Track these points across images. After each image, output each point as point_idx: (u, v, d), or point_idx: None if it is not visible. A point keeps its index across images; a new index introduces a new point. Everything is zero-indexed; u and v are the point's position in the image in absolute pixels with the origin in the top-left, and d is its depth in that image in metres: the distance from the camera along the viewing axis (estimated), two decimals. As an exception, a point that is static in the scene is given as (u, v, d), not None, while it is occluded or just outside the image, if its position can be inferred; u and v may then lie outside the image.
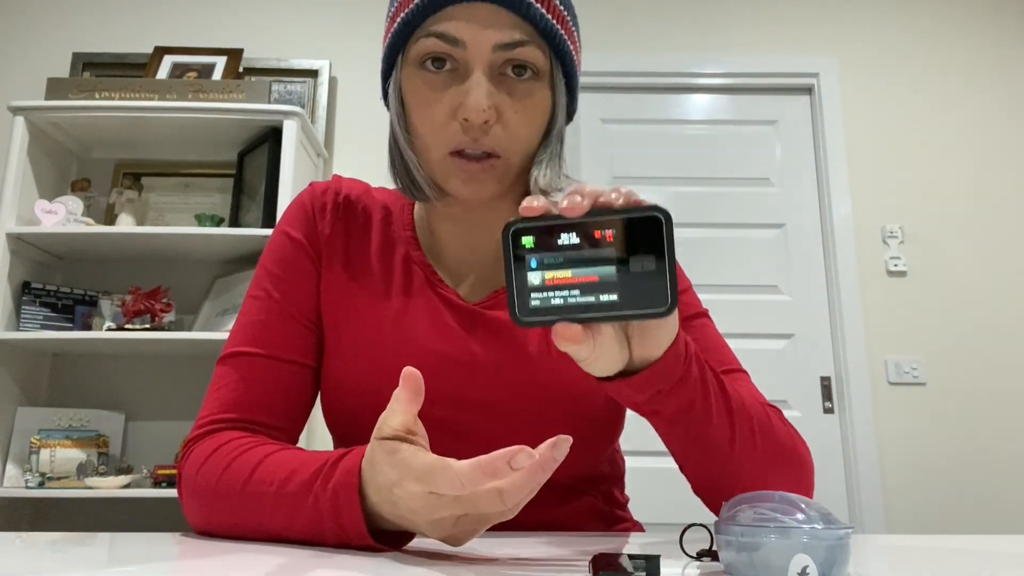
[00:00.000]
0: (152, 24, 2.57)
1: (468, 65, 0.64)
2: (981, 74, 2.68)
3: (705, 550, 0.48)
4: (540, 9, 0.65)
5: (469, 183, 0.66)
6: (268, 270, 0.75)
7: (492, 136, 0.65)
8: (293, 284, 0.74)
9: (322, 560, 0.48)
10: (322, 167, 2.43)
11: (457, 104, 0.64)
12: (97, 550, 0.55)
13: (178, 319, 2.19)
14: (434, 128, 0.66)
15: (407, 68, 0.68)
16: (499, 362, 0.71)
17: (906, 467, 2.37)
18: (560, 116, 0.70)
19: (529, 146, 0.68)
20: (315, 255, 0.75)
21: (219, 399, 0.69)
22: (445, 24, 0.64)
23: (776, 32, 2.69)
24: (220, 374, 0.71)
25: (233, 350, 0.71)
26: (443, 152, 0.66)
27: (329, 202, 0.77)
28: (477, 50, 0.64)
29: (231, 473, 0.60)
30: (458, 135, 0.65)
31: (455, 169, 0.66)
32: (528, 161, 0.69)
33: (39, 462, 1.98)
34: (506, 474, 0.43)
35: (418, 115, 0.67)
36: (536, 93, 0.67)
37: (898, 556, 0.55)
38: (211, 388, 0.71)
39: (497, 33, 0.64)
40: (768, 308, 2.50)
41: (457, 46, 0.64)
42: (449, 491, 0.45)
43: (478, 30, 0.63)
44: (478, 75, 0.64)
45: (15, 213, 2.01)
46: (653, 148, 2.63)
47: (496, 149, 0.65)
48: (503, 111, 0.65)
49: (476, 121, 0.63)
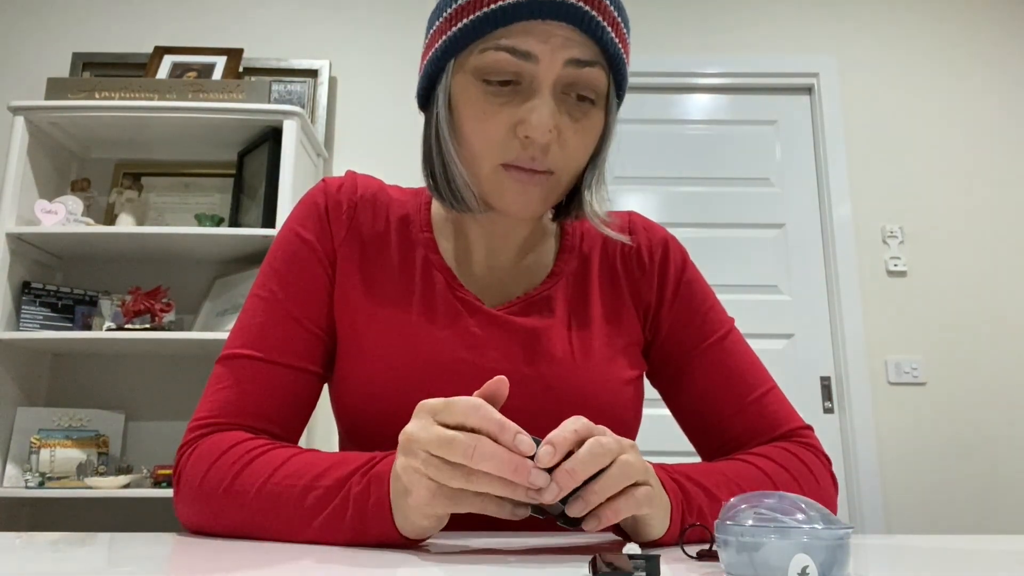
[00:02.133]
0: (152, 24, 2.57)
1: (536, 81, 0.62)
2: (981, 74, 2.68)
3: (705, 550, 0.48)
4: (611, 34, 0.64)
5: (520, 196, 0.65)
6: (275, 269, 0.72)
7: (550, 156, 0.64)
8: (300, 286, 0.71)
9: (323, 556, 0.48)
10: (322, 167, 2.43)
11: (517, 120, 0.63)
12: (97, 550, 0.55)
13: (178, 319, 2.19)
14: (489, 140, 0.64)
15: (463, 76, 0.65)
16: (521, 368, 0.70)
17: (906, 467, 2.37)
18: (609, 139, 0.70)
19: (580, 166, 0.68)
20: (327, 258, 0.72)
21: (214, 402, 0.67)
22: (517, 39, 0.61)
23: (776, 32, 2.69)
24: (217, 375, 0.69)
25: (232, 351, 0.69)
26: (495, 164, 0.64)
27: (344, 201, 0.74)
28: (548, 67, 0.62)
29: (253, 470, 0.59)
30: (514, 151, 0.63)
31: (507, 179, 0.64)
32: (575, 180, 0.69)
33: (39, 462, 1.98)
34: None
35: (472, 126, 0.64)
36: (593, 116, 0.66)
37: (898, 556, 0.55)
38: (208, 389, 0.69)
39: (570, 49, 0.62)
40: (768, 308, 2.50)
41: (529, 61, 0.62)
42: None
43: (552, 47, 0.61)
44: (545, 94, 0.62)
45: (15, 213, 2.01)
46: (653, 148, 2.63)
47: (551, 168, 0.65)
48: (562, 132, 0.64)
49: (540, 141, 0.62)
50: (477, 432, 0.47)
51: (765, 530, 0.40)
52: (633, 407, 0.74)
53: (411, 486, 0.49)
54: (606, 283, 0.77)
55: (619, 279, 0.78)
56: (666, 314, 0.77)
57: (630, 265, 0.78)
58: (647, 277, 0.78)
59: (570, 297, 0.75)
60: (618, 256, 0.79)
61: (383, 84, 2.55)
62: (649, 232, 0.80)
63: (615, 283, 0.77)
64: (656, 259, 0.78)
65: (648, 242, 0.79)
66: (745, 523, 0.41)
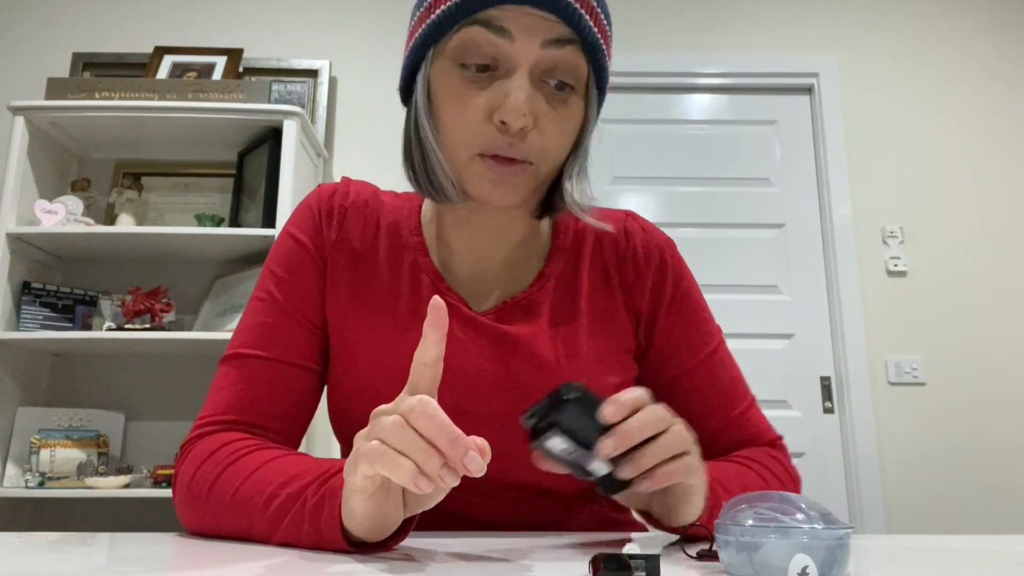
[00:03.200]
0: (152, 24, 2.57)
1: (512, 63, 0.62)
2: (981, 74, 2.68)
3: (705, 550, 0.48)
4: (589, 21, 0.63)
5: (498, 185, 0.64)
6: (273, 272, 0.73)
7: (528, 143, 0.63)
8: (297, 287, 0.72)
9: (319, 562, 0.48)
10: (322, 167, 2.43)
11: (495, 105, 0.62)
12: (97, 550, 0.55)
13: (178, 319, 2.19)
14: (466, 127, 0.63)
15: (440, 61, 0.65)
16: (504, 373, 0.69)
17: (906, 467, 2.37)
18: (590, 130, 0.69)
19: (560, 157, 0.67)
20: (320, 260, 0.74)
21: (219, 400, 0.68)
22: (493, 11, 0.61)
23: (776, 32, 2.69)
24: (221, 375, 0.70)
25: (235, 351, 0.70)
26: (472, 153, 0.64)
27: (336, 206, 0.75)
28: (525, 48, 0.61)
29: (228, 475, 0.60)
30: (492, 137, 0.63)
31: (484, 170, 0.64)
32: (555, 171, 0.68)
33: (39, 462, 1.98)
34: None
35: (449, 111, 0.64)
36: (572, 104, 0.65)
37: (898, 556, 0.55)
38: (212, 389, 0.70)
39: (547, 29, 0.62)
40: (768, 308, 2.50)
41: (504, 37, 0.61)
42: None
43: (529, 24, 0.61)
44: (521, 76, 0.61)
45: (15, 213, 2.01)
46: (653, 148, 2.63)
47: (530, 157, 0.64)
48: (540, 119, 0.63)
49: (515, 125, 0.61)
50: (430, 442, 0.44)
51: (765, 530, 0.40)
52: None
53: (348, 473, 0.48)
54: (598, 285, 0.76)
55: (612, 281, 0.77)
56: (662, 324, 0.77)
57: (625, 268, 0.77)
58: (641, 281, 0.77)
59: (558, 299, 0.74)
60: (612, 258, 0.77)
61: (383, 84, 2.55)
62: (647, 234, 0.79)
63: (608, 285, 0.77)
64: (652, 264, 0.77)
65: (645, 245, 0.78)
66: (745, 523, 0.41)
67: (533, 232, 0.77)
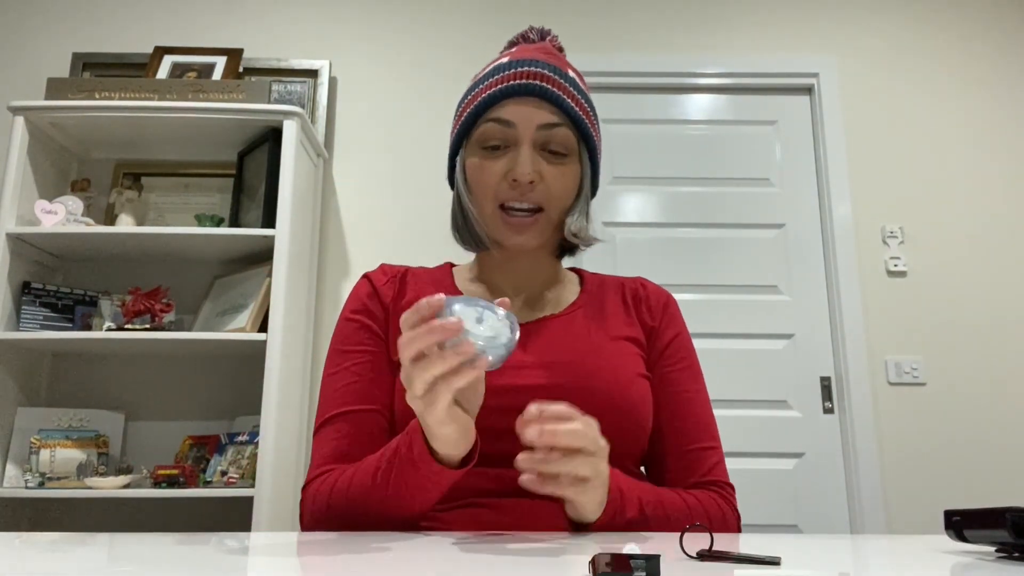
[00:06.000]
0: (152, 24, 2.57)
1: (518, 141, 0.83)
2: (981, 74, 2.68)
3: (705, 550, 0.48)
4: (571, 104, 0.85)
5: (516, 231, 0.84)
6: (337, 349, 0.86)
7: (536, 193, 0.84)
8: (359, 351, 0.85)
9: (321, 557, 0.48)
10: (322, 167, 2.43)
11: (508, 168, 0.83)
12: (97, 550, 0.55)
13: (178, 319, 2.19)
14: (489, 186, 0.84)
15: (470, 147, 0.87)
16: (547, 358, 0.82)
17: (906, 467, 2.37)
18: (587, 183, 0.88)
19: (565, 203, 0.86)
20: (380, 316, 0.87)
21: (323, 454, 0.80)
22: (501, 111, 0.84)
23: (776, 32, 2.69)
24: (318, 440, 0.82)
25: (326, 416, 0.82)
26: (494, 206, 0.85)
27: (381, 278, 0.91)
28: (525, 128, 0.83)
29: (350, 480, 0.74)
30: (507, 192, 0.84)
31: (506, 218, 0.84)
32: (564, 216, 0.87)
33: (39, 462, 1.98)
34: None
35: (476, 177, 0.86)
36: (569, 164, 0.86)
37: (898, 556, 0.55)
38: (313, 453, 0.82)
39: (540, 117, 0.84)
40: (768, 308, 2.50)
41: (510, 127, 0.84)
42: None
43: (526, 115, 0.83)
44: (526, 148, 0.83)
45: (15, 213, 2.02)
46: (653, 148, 2.63)
47: (540, 203, 0.84)
48: (543, 174, 0.84)
49: (523, 179, 0.82)
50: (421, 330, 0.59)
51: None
52: (645, 400, 0.84)
53: (418, 412, 0.62)
54: (620, 315, 0.92)
55: (631, 315, 0.92)
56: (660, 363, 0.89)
57: (640, 307, 0.93)
58: (654, 321, 0.92)
59: (589, 321, 0.89)
60: (631, 299, 0.94)
61: (383, 84, 2.55)
62: (657, 291, 0.96)
63: (628, 316, 0.92)
64: (660, 307, 0.93)
65: (656, 296, 0.94)
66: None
67: (561, 279, 0.95)
